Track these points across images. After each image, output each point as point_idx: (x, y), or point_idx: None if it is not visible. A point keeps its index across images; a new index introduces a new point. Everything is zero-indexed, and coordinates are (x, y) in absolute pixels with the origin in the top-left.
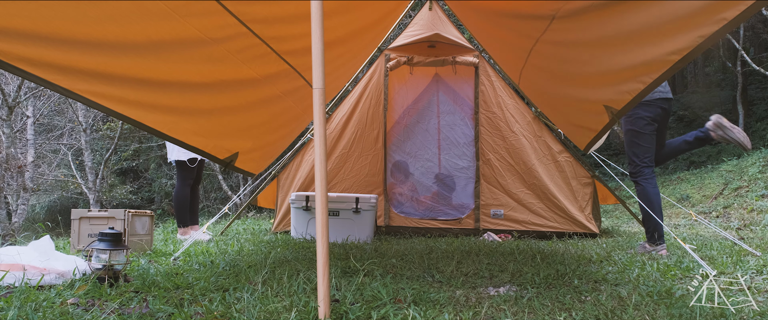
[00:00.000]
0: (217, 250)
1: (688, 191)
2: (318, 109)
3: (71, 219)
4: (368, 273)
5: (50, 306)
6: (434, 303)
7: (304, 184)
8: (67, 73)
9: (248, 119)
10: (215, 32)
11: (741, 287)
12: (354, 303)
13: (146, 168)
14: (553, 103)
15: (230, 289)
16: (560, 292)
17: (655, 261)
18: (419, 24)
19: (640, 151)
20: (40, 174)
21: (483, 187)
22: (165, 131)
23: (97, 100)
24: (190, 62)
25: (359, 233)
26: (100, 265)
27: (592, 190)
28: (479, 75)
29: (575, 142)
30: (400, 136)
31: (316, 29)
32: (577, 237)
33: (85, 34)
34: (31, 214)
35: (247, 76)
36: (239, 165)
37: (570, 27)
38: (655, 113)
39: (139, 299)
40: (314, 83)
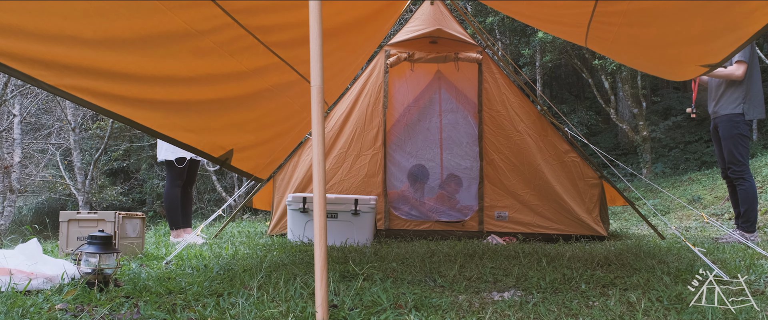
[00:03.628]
0: (211, 254)
1: (700, 192)
2: (316, 107)
3: (59, 222)
4: (368, 278)
5: (38, 312)
6: (436, 309)
7: (301, 185)
8: (54, 69)
9: (239, 114)
10: (201, 24)
11: (752, 290)
12: (353, 309)
13: (137, 169)
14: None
15: (225, 294)
16: (567, 297)
17: (666, 264)
18: (420, 19)
19: (744, 152)
20: (28, 175)
21: (487, 188)
22: (155, 127)
23: (85, 96)
24: (177, 56)
25: (358, 236)
26: (90, 269)
27: (599, 191)
28: (483, 72)
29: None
30: (400, 135)
31: (314, 25)
32: (584, 240)
33: (72, 30)
34: (17, 216)
35: (235, 70)
36: (235, 164)
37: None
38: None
39: (130, 304)
40: (312, 80)
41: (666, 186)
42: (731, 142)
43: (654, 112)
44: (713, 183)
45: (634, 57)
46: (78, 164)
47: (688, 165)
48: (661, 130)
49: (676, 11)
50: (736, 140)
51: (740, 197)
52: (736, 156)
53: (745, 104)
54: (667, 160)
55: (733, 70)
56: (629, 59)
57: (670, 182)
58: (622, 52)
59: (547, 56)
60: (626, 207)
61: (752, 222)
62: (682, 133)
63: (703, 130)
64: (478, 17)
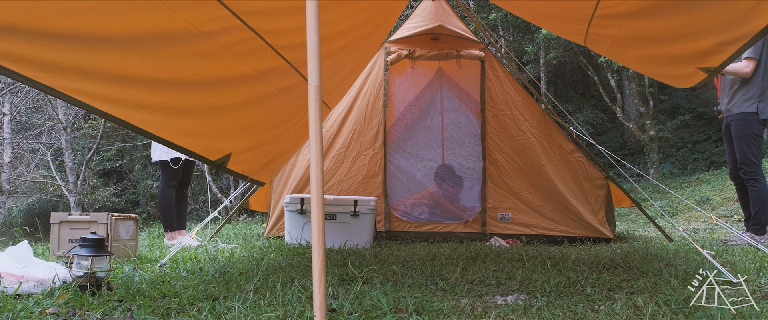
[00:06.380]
0: (206, 256)
1: (709, 193)
2: (313, 106)
3: (51, 224)
4: (367, 281)
5: (28, 316)
6: (438, 313)
7: (299, 186)
8: (49, 70)
9: (241, 118)
10: (207, 25)
11: (764, 293)
12: (352, 313)
13: (131, 169)
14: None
15: (220, 298)
16: (572, 301)
17: (674, 267)
18: (421, 15)
19: (757, 153)
20: (18, 176)
21: (490, 189)
22: (152, 131)
23: (81, 98)
24: (180, 57)
25: (358, 238)
26: (82, 272)
27: (605, 192)
28: (485, 69)
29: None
30: (401, 135)
31: (311, 22)
32: (589, 242)
33: (68, 28)
34: (7, 218)
35: (241, 73)
36: (232, 166)
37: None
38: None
39: (123, 308)
40: (310, 78)
41: (674, 187)
42: (744, 141)
43: (661, 111)
44: (722, 184)
45: (634, 58)
46: (70, 164)
47: (697, 165)
48: (668, 129)
49: (676, 8)
50: (749, 140)
51: (752, 199)
52: (749, 156)
53: (760, 102)
54: (674, 160)
55: (742, 66)
56: (629, 61)
57: (678, 183)
58: (621, 54)
59: (552, 53)
60: (633, 208)
61: (763, 225)
62: (690, 132)
63: (712, 129)
64: (480, 13)
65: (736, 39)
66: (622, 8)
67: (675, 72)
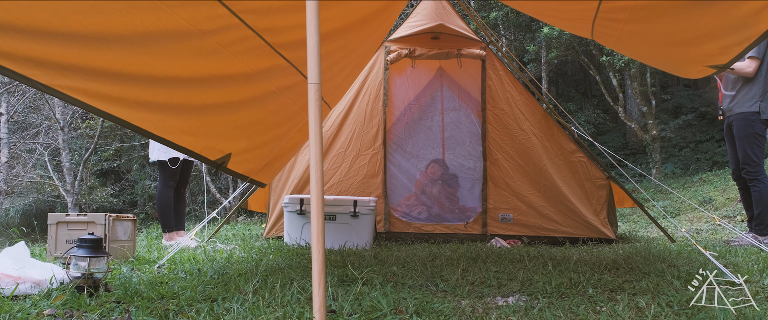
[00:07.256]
0: (204, 257)
1: (711, 193)
2: (313, 105)
3: (48, 224)
4: (367, 282)
5: (25, 318)
6: (438, 314)
7: (299, 186)
8: (47, 68)
9: (242, 117)
10: (205, 24)
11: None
12: (352, 314)
13: (129, 169)
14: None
15: (219, 299)
16: (573, 302)
17: (676, 268)
18: (422, 14)
19: (760, 152)
20: (15, 176)
21: (490, 189)
22: (152, 130)
23: (79, 96)
24: (179, 56)
25: (357, 239)
26: (79, 273)
27: (607, 193)
28: (486, 69)
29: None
30: (401, 134)
31: (311, 22)
32: (591, 242)
33: (66, 26)
34: (4, 219)
35: (240, 71)
36: (232, 166)
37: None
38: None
39: (120, 310)
40: (310, 78)
41: (676, 187)
42: (746, 141)
43: (663, 110)
44: (725, 184)
45: (640, 53)
46: (67, 164)
47: (699, 165)
48: (671, 129)
49: (680, 9)
50: (751, 140)
51: (754, 199)
52: (751, 156)
53: (763, 102)
54: (677, 160)
55: (745, 65)
56: (636, 54)
57: (680, 183)
58: (628, 49)
59: (553, 52)
60: (635, 209)
61: (766, 225)
62: (692, 132)
63: (715, 129)
64: (481, 12)
65: (741, 41)
66: (622, 15)
67: (682, 70)
